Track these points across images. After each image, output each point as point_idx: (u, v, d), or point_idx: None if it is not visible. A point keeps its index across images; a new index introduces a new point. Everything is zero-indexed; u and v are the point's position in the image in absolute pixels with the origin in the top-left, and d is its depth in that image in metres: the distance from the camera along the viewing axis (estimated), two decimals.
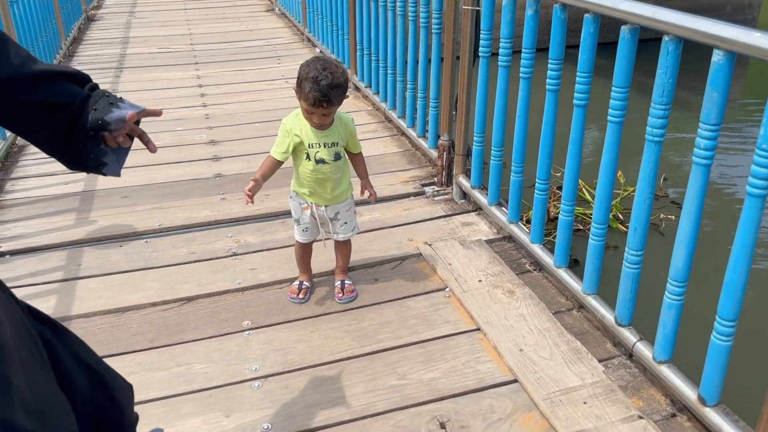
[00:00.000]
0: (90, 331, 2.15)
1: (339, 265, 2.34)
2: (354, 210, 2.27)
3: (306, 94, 1.93)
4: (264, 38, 6.00)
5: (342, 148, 2.12)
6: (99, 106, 1.13)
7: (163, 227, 2.78)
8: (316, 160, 2.07)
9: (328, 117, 2.02)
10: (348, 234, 2.26)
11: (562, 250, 2.25)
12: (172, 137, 3.73)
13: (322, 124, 2.02)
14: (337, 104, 1.98)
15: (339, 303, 2.28)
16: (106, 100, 1.14)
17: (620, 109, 1.88)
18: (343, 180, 2.17)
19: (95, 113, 1.12)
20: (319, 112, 1.96)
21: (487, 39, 2.54)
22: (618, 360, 2.01)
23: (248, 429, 1.77)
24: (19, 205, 3.00)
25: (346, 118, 2.13)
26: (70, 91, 1.11)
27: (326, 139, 2.07)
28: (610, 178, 1.98)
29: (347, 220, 2.23)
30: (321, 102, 1.92)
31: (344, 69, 2.02)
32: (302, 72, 1.95)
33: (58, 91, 1.09)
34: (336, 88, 1.92)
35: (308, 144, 2.06)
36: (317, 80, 1.90)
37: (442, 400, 1.87)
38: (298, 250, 2.30)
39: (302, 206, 2.19)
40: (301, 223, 2.22)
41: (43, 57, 4.60)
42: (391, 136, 3.76)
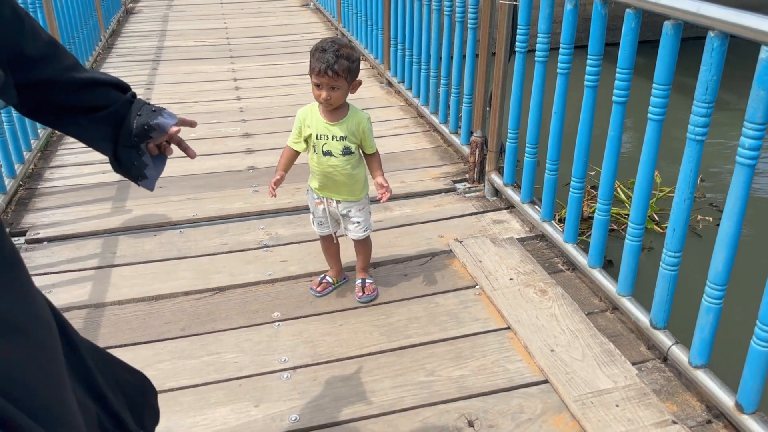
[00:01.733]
0: (123, 318, 2.18)
1: (359, 264, 2.32)
2: (368, 210, 2.23)
3: (312, 65, 1.93)
4: (298, 33, 6.03)
5: (353, 144, 2.07)
6: (143, 112, 1.16)
7: (196, 218, 2.82)
8: (324, 151, 2.05)
9: (337, 94, 1.96)
10: (359, 234, 2.20)
11: (597, 250, 2.21)
12: (206, 130, 3.77)
13: (330, 103, 1.97)
14: (344, 79, 1.93)
15: (359, 302, 2.25)
16: (148, 108, 1.18)
17: (661, 107, 1.84)
18: (356, 178, 2.12)
19: (140, 118, 1.15)
20: (326, 83, 1.92)
21: (524, 34, 2.51)
22: (652, 363, 1.97)
23: (276, 419, 1.78)
24: (57, 193, 3.07)
25: (361, 115, 2.08)
26: (111, 96, 1.14)
27: (336, 132, 2.04)
28: (649, 178, 1.93)
29: (359, 220, 2.18)
30: (326, 71, 1.90)
31: (355, 50, 1.99)
32: (312, 48, 1.98)
33: (100, 95, 1.13)
34: (342, 58, 1.91)
35: (316, 135, 2.05)
36: (323, 49, 1.92)
37: (470, 398, 1.85)
38: (321, 244, 2.31)
39: (315, 201, 2.18)
40: (315, 216, 2.22)
41: (83, 49, 4.69)
42: (423, 132, 3.74)
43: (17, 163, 3.08)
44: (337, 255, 2.31)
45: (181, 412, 1.80)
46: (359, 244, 2.27)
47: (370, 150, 2.14)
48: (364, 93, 4.40)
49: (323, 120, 2.04)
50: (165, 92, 4.44)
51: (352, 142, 2.07)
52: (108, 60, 5.22)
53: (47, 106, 1.09)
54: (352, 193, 2.14)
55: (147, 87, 4.54)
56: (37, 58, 1.03)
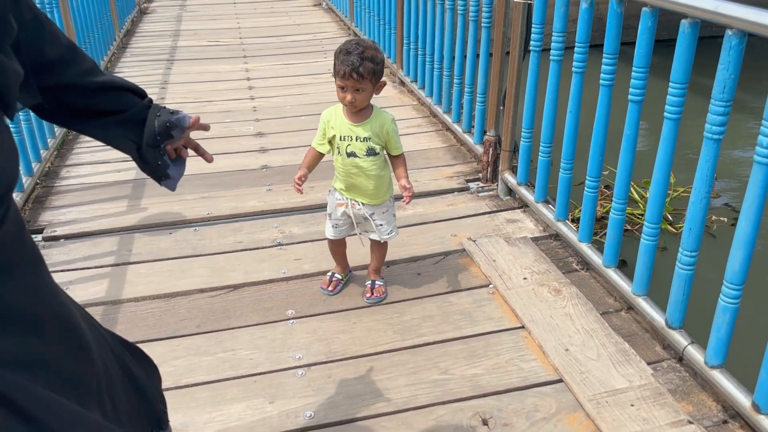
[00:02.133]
0: (139, 315, 2.20)
1: (372, 266, 2.30)
2: (393, 213, 2.21)
3: (337, 68, 1.92)
4: (311, 33, 6.04)
5: (377, 146, 2.05)
6: (162, 113, 1.18)
7: (211, 216, 2.84)
8: (347, 153, 2.04)
9: (362, 96, 1.95)
10: (383, 236, 2.19)
11: (611, 250, 2.20)
12: (220, 129, 3.79)
13: (355, 105, 1.97)
14: (369, 81, 1.93)
15: (366, 302, 2.25)
16: (167, 110, 1.20)
17: (677, 106, 1.83)
18: (381, 180, 2.11)
19: (160, 118, 1.17)
20: (351, 86, 1.92)
21: (538, 33, 2.50)
22: (667, 363, 1.96)
23: (291, 416, 1.79)
24: (73, 191, 3.10)
25: (385, 117, 2.07)
26: (129, 100, 1.16)
27: (360, 133, 2.04)
28: (665, 177, 1.93)
29: (383, 222, 2.17)
30: (351, 73, 1.89)
31: (380, 51, 1.98)
32: (336, 50, 1.96)
33: (117, 99, 1.15)
34: (367, 60, 1.90)
35: (340, 136, 2.04)
36: (348, 52, 1.90)
37: (484, 396, 1.85)
38: (329, 245, 2.30)
39: (338, 202, 2.16)
40: (332, 219, 2.19)
41: (98, 48, 4.73)
42: (436, 131, 3.74)
43: (34, 162, 3.11)
44: (345, 253, 2.32)
45: (197, 407, 1.82)
46: (377, 246, 2.26)
47: (395, 151, 2.12)
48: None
49: (347, 121, 2.04)
50: (179, 92, 4.47)
51: (377, 143, 2.06)
52: (122, 60, 5.26)
53: (65, 108, 1.10)
54: (377, 195, 2.13)
55: (161, 86, 4.57)
56: (57, 62, 1.04)
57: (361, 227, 2.21)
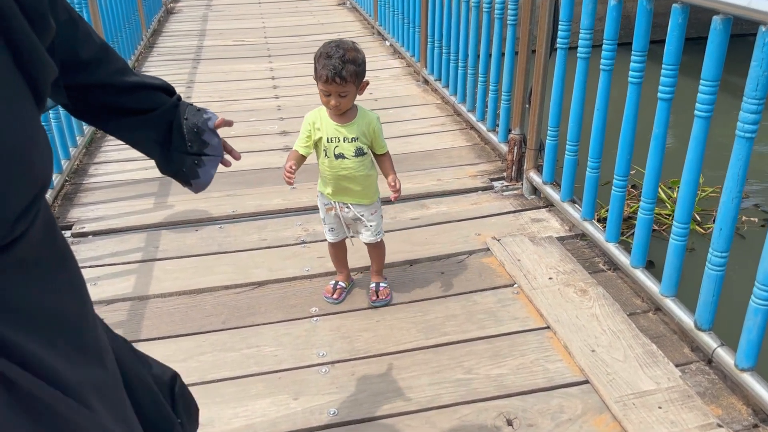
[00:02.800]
0: (166, 311, 2.23)
1: (374, 268, 2.28)
2: (380, 214, 2.19)
3: (319, 72, 1.88)
4: (335, 32, 6.06)
5: (364, 145, 2.03)
6: (188, 114, 1.18)
7: (236, 214, 2.86)
8: (336, 155, 2.01)
9: (346, 99, 1.92)
10: (372, 238, 2.17)
11: (639, 250, 2.17)
12: (245, 127, 3.82)
13: (339, 108, 1.94)
14: (352, 83, 1.89)
15: (373, 305, 2.23)
16: (193, 108, 1.19)
17: (708, 104, 1.80)
18: (369, 180, 2.08)
19: (187, 122, 1.17)
20: (334, 90, 1.88)
21: (565, 30, 2.48)
22: (696, 365, 1.92)
23: (315, 413, 1.79)
24: (101, 188, 3.14)
25: (370, 116, 2.04)
26: (158, 99, 1.16)
27: (347, 134, 2.00)
28: (695, 176, 1.89)
29: (372, 223, 2.14)
30: (333, 78, 1.85)
31: (360, 50, 1.93)
32: (316, 53, 1.91)
33: (147, 98, 1.15)
34: (349, 62, 1.85)
35: (327, 138, 2.01)
36: (329, 55, 1.86)
37: (509, 396, 1.84)
38: (329, 249, 2.26)
39: (326, 206, 2.14)
40: (326, 223, 2.17)
41: (126, 48, 4.80)
42: (460, 130, 3.73)
43: (64, 159, 3.17)
44: (346, 259, 2.29)
45: (222, 403, 1.83)
46: (373, 248, 2.23)
47: (381, 150, 2.09)
48: (400, 91, 4.41)
49: (333, 122, 2.00)
50: (205, 91, 4.51)
51: (364, 143, 2.03)
52: (149, 59, 5.33)
53: (95, 107, 1.11)
54: (365, 196, 2.10)
55: (187, 85, 4.62)
56: (89, 62, 1.05)
57: (352, 228, 2.18)
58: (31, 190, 0.75)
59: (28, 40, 0.74)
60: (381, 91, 4.36)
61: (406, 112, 4.01)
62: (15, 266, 0.77)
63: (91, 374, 0.89)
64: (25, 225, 0.77)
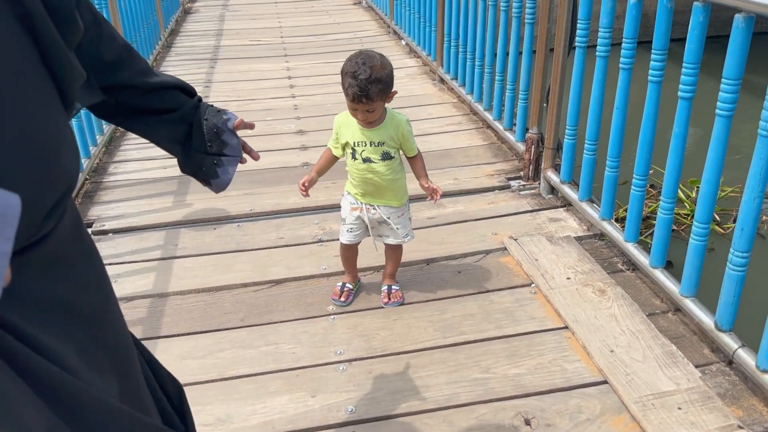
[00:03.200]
0: (185, 308, 2.25)
1: (387, 271, 2.27)
2: (409, 217, 2.18)
3: (345, 90, 1.87)
4: (351, 31, 6.07)
5: (393, 149, 2.01)
6: (208, 115, 1.19)
7: (253, 212, 2.88)
8: (363, 158, 2.00)
9: (374, 113, 1.91)
10: (399, 240, 2.16)
11: (659, 250, 2.16)
12: (262, 127, 3.83)
13: (368, 121, 1.94)
14: (379, 99, 1.87)
15: (384, 307, 2.22)
16: (213, 109, 1.20)
17: (730, 102, 1.78)
18: (398, 183, 2.07)
19: (207, 122, 1.18)
20: (362, 108, 1.88)
21: (584, 29, 2.46)
22: (716, 366, 1.91)
23: (333, 410, 1.80)
24: (121, 186, 3.18)
25: (399, 119, 2.02)
26: (179, 99, 1.18)
27: (373, 138, 1.98)
28: (716, 175, 1.88)
29: (399, 226, 2.13)
30: (360, 97, 1.84)
31: (387, 63, 1.90)
32: (344, 67, 1.88)
33: (169, 99, 1.16)
34: (375, 82, 1.82)
35: (354, 142, 2.00)
36: (356, 75, 1.82)
37: (527, 396, 1.83)
38: (342, 251, 2.24)
39: (352, 206, 2.12)
40: (346, 223, 2.15)
41: (144, 47, 4.84)
42: (476, 129, 3.72)
43: (84, 158, 3.20)
44: (356, 261, 2.28)
45: (240, 399, 1.85)
46: (392, 251, 2.23)
47: (411, 153, 2.08)
48: (417, 90, 4.41)
49: (359, 127, 1.99)
50: (222, 90, 4.54)
51: (391, 147, 2.01)
52: (167, 59, 5.37)
53: (119, 107, 1.12)
54: (394, 198, 2.09)
55: (205, 85, 4.65)
56: (113, 63, 1.06)
57: (376, 231, 2.16)
58: (59, 189, 0.76)
59: (56, 45, 0.75)
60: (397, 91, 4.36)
61: (422, 111, 4.01)
62: (41, 262, 0.79)
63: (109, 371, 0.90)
64: (52, 223, 0.78)
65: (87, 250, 0.91)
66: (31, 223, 0.73)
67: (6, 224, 0.59)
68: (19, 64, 0.71)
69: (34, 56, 0.74)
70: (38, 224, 0.74)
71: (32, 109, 0.72)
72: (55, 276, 0.82)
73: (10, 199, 0.60)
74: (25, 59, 0.72)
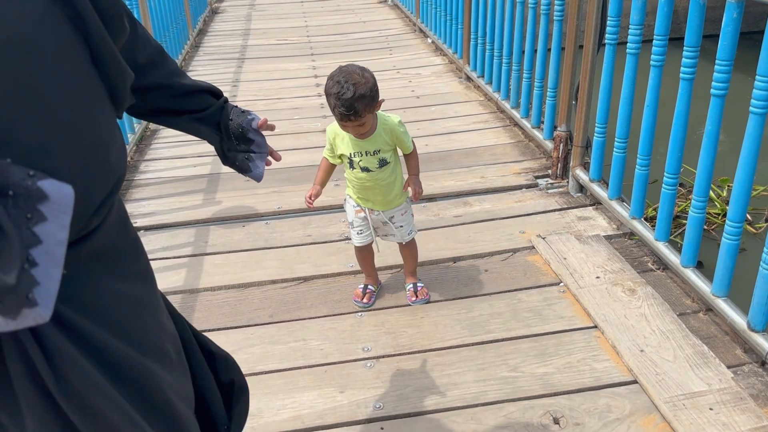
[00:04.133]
0: (215, 304, 2.28)
1: (408, 269, 2.28)
2: (411, 213, 2.19)
3: (332, 111, 1.86)
4: (376, 30, 6.08)
5: (388, 154, 2.01)
6: (233, 115, 1.26)
7: (281, 210, 2.91)
8: (361, 168, 2.00)
9: (364, 126, 1.91)
10: (405, 237, 2.16)
11: (690, 249, 2.13)
12: (289, 125, 3.87)
13: (360, 133, 1.93)
14: (368, 113, 1.85)
15: (411, 305, 2.23)
16: (238, 110, 1.27)
17: (764, 100, 1.75)
18: (395, 185, 2.07)
19: (232, 122, 1.25)
20: (351, 124, 1.87)
21: (614, 26, 2.44)
22: (749, 367, 1.88)
23: (361, 406, 1.82)
24: (152, 184, 3.23)
25: (391, 122, 2.00)
26: (207, 101, 1.24)
27: (368, 147, 1.97)
28: (750, 174, 1.85)
29: (403, 224, 2.14)
30: (348, 116, 1.83)
31: (370, 75, 1.87)
32: (326, 88, 1.86)
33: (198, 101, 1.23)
34: (360, 99, 1.80)
35: (350, 153, 1.99)
36: (339, 95, 1.80)
37: (555, 395, 1.83)
38: (357, 254, 2.24)
39: (355, 209, 2.13)
40: (354, 226, 2.16)
41: (173, 47, 4.91)
42: (504, 127, 3.71)
43: None
44: (374, 262, 2.28)
45: (270, 394, 1.87)
46: (406, 248, 2.23)
47: (407, 150, 2.08)
48: (443, 88, 4.40)
49: (353, 138, 1.98)
50: (250, 89, 4.59)
51: (387, 152, 2.01)
52: (196, 58, 5.44)
53: (150, 107, 1.17)
54: (392, 201, 2.09)
55: (233, 84, 4.70)
56: (147, 64, 1.10)
57: (380, 231, 2.17)
58: (107, 184, 0.79)
59: (105, 45, 0.78)
60: (423, 89, 4.36)
61: (448, 110, 4.00)
62: (91, 257, 0.82)
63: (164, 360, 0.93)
64: (100, 218, 0.81)
65: (134, 245, 0.95)
66: (81, 217, 0.76)
67: (61, 212, 0.62)
68: (71, 63, 0.74)
69: (85, 56, 0.76)
70: (88, 218, 0.77)
71: (83, 107, 0.75)
72: (105, 271, 0.85)
73: (63, 189, 0.63)
74: (77, 59, 0.75)
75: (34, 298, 0.64)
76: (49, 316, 0.66)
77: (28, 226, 0.62)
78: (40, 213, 0.63)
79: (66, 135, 0.72)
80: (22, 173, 0.63)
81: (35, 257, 0.63)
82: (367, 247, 2.22)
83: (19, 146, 0.67)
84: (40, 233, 0.63)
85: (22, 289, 0.62)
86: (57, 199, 0.64)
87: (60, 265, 0.65)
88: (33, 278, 0.63)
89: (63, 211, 0.64)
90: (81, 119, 0.74)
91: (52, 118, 0.71)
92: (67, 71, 0.73)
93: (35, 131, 0.69)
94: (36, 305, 0.64)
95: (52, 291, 0.65)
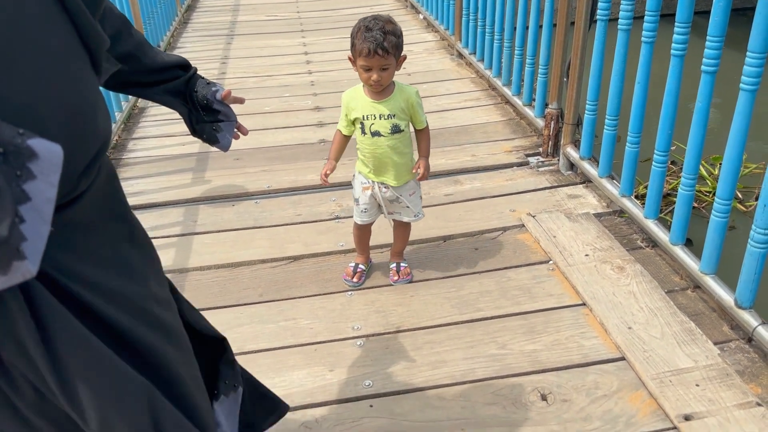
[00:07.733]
0: (204, 284, 2.28)
1: (395, 249, 2.27)
2: (419, 195, 2.17)
3: (359, 47, 1.85)
4: (368, 5, 6.00)
5: (403, 122, 2.00)
6: (198, 87, 1.29)
7: (271, 189, 2.89)
8: (372, 132, 1.99)
9: (387, 73, 1.89)
10: (410, 218, 2.16)
11: (680, 226, 2.13)
12: (279, 103, 3.84)
13: (380, 83, 1.91)
14: (393, 55, 1.86)
15: (393, 285, 2.23)
16: (203, 81, 1.31)
17: (755, 77, 1.75)
18: (407, 158, 2.06)
19: (197, 94, 1.29)
20: (376, 64, 1.85)
21: (606, 2, 2.42)
22: (735, 344, 1.90)
23: (351, 384, 1.83)
24: (140, 163, 3.21)
25: (409, 90, 2.01)
26: (176, 73, 1.28)
27: (383, 110, 1.97)
28: (739, 151, 1.84)
29: (410, 204, 2.13)
30: (376, 50, 1.82)
31: (396, 23, 1.91)
32: (353, 30, 1.89)
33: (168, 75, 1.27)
34: (389, 34, 1.84)
35: (363, 116, 1.98)
36: (369, 28, 1.84)
37: (543, 372, 1.84)
38: (355, 231, 2.23)
39: (363, 185, 2.11)
40: (360, 204, 2.14)
41: (161, 24, 4.84)
42: (495, 105, 3.68)
43: None
44: (369, 242, 2.27)
45: (260, 373, 1.87)
46: (401, 228, 2.22)
47: (420, 125, 2.07)
48: (434, 65, 4.37)
49: (369, 99, 1.98)
50: (240, 66, 4.53)
51: (401, 119, 2.00)
52: (184, 35, 5.37)
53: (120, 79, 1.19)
54: (405, 173, 2.08)
55: (222, 61, 4.65)
56: (114, 35, 1.12)
57: (389, 209, 2.16)
58: (94, 146, 0.81)
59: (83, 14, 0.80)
60: (414, 66, 4.32)
61: (440, 87, 3.97)
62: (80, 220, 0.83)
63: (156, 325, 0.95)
64: (88, 181, 0.83)
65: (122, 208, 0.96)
66: (69, 179, 0.77)
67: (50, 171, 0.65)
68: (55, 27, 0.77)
69: (66, 22, 0.78)
70: (75, 180, 0.79)
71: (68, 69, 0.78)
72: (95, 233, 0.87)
73: (52, 148, 0.65)
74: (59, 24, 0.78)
75: (23, 251, 0.65)
76: (36, 270, 0.67)
77: (17, 183, 0.64)
78: (30, 171, 0.65)
79: (53, 95, 0.74)
80: (12, 132, 0.64)
81: (24, 214, 0.65)
82: (367, 227, 2.21)
83: (6, 105, 0.68)
84: (30, 190, 0.65)
85: (13, 241, 0.64)
86: (46, 157, 0.65)
87: (48, 222, 0.67)
88: (21, 233, 0.65)
89: (52, 170, 0.66)
90: (67, 81, 0.77)
91: (39, 78, 0.73)
92: (51, 34, 0.76)
93: (22, 90, 0.71)
94: (25, 258, 0.66)
95: (40, 247, 0.67)
